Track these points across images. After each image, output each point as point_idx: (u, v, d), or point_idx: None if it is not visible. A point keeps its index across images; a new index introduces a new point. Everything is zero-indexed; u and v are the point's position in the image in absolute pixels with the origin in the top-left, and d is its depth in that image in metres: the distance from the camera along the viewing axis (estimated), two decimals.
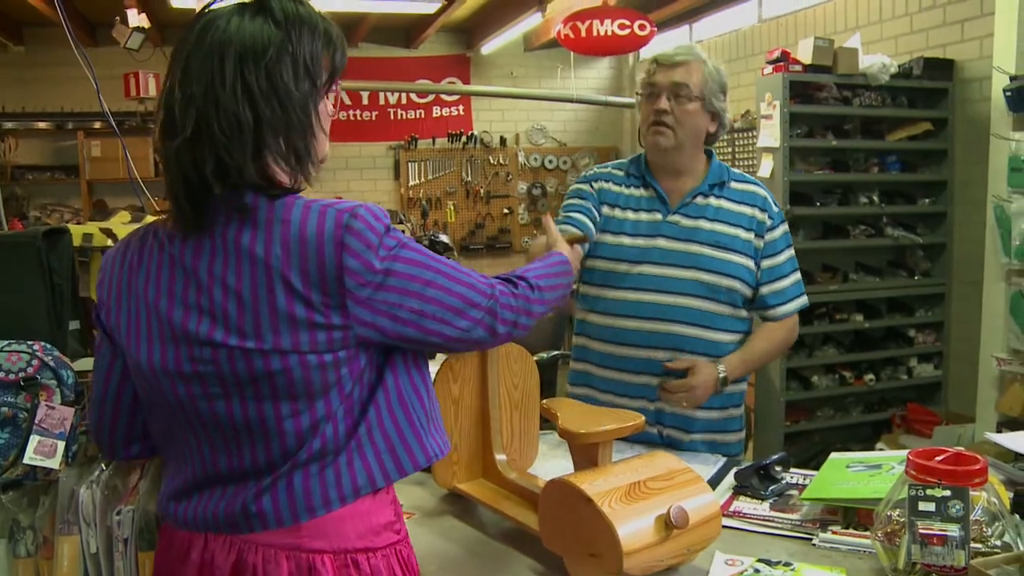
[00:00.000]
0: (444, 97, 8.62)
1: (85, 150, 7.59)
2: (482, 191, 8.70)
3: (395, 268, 1.21)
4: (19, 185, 7.77)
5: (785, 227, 2.31)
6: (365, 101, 8.45)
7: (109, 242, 2.60)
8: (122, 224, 2.80)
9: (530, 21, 6.45)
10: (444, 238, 6.19)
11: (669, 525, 1.43)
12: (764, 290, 2.26)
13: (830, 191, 4.69)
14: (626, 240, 2.26)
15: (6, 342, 1.87)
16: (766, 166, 4.41)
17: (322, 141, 1.30)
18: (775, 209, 2.30)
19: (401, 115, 8.58)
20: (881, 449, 4.24)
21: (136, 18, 5.81)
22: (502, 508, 1.76)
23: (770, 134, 4.37)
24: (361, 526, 1.28)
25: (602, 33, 5.88)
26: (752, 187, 2.31)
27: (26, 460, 1.84)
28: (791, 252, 2.31)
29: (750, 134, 5.87)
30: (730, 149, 6.08)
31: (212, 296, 1.21)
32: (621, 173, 2.36)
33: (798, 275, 2.32)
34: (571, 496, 1.47)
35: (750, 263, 2.23)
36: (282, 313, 1.18)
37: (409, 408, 1.31)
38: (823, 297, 4.62)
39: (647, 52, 7.87)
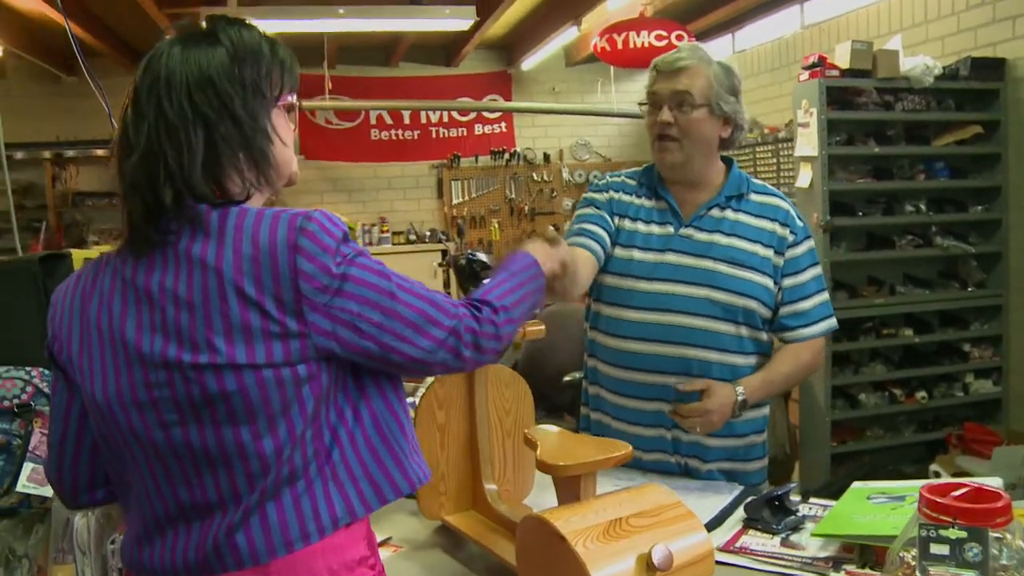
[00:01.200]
0: (486, 115, 8.58)
1: None
2: (526, 208, 8.63)
3: (352, 274, 1.17)
4: (79, 211, 7.98)
5: (810, 243, 2.15)
6: (407, 120, 8.45)
7: None
8: None
9: (567, 35, 6.36)
10: (483, 256, 6.04)
11: (651, 567, 1.30)
12: (784, 311, 2.11)
13: (873, 200, 4.50)
14: (636, 254, 2.13)
15: (3, 368, 1.85)
16: (804, 176, 4.24)
17: (282, 150, 1.29)
18: (799, 224, 2.14)
19: (443, 133, 8.56)
20: (936, 472, 4.03)
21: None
22: (488, 543, 1.65)
23: (807, 142, 4.20)
24: (334, 562, 1.20)
25: (639, 45, 5.77)
26: (774, 200, 2.16)
27: (19, 488, 1.82)
28: (817, 271, 2.15)
29: (792, 144, 5.68)
30: (774, 160, 5.90)
31: (165, 312, 1.17)
32: (633, 183, 2.23)
33: (825, 296, 2.15)
34: (545, 533, 1.35)
35: (768, 282, 2.09)
36: (235, 321, 1.13)
37: (387, 431, 1.25)
38: (869, 311, 4.42)
39: None
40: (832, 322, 2.15)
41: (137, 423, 1.19)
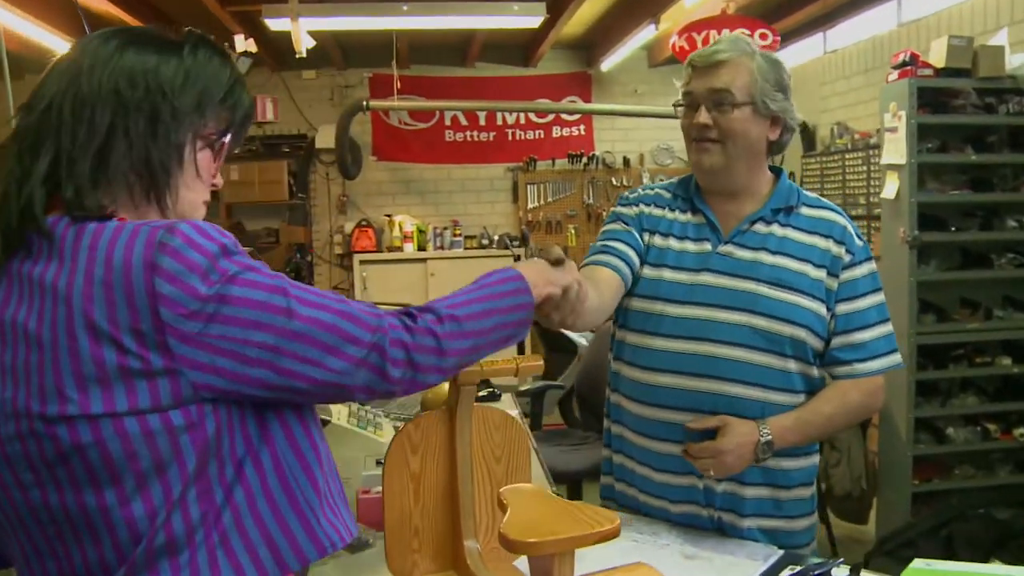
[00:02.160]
0: (564, 116, 8.29)
1: (224, 174, 7.75)
2: (604, 214, 8.31)
3: (233, 294, 0.99)
4: None
5: (871, 266, 1.85)
6: (482, 122, 8.23)
7: None
8: None
9: (644, 34, 6.06)
10: (558, 252, 5.83)
11: None
12: (837, 342, 1.81)
13: (970, 214, 4.06)
14: (667, 274, 1.86)
15: None
16: (890, 186, 3.85)
17: (189, 182, 1.14)
18: (858, 243, 1.84)
19: (519, 135, 8.32)
20: None
21: (243, 43, 5.80)
22: None
23: (895, 149, 3.81)
24: None
25: None
26: (829, 214, 1.86)
27: None
28: (879, 298, 1.84)
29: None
30: (864, 168, 5.47)
31: (16, 351, 0.99)
32: (668, 195, 1.96)
33: (888, 328, 1.84)
34: None
35: (820, 308, 1.79)
36: (86, 361, 0.96)
37: (292, 483, 1.05)
38: (961, 337, 3.99)
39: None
40: (895, 359, 1.84)
41: None
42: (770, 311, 1.77)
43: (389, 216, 7.93)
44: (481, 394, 3.42)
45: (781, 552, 1.75)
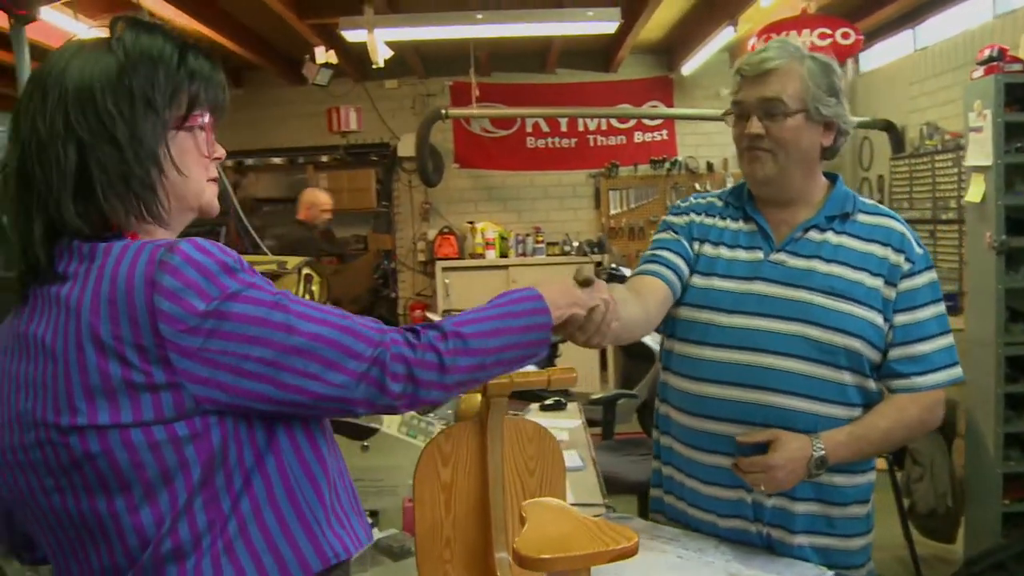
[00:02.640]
0: (646, 122, 8.24)
1: (313, 182, 8.01)
2: None
3: (232, 310, 1.01)
4: (257, 217, 8.32)
5: (932, 275, 1.77)
6: (564, 128, 8.25)
7: None
8: None
9: (723, 36, 5.96)
10: (628, 272, 5.77)
11: None
12: (895, 353, 1.73)
13: None
14: (716, 283, 1.82)
15: None
16: (976, 189, 3.68)
17: (178, 180, 1.14)
18: (918, 251, 1.76)
19: (601, 141, 8.30)
20: None
21: (323, 55, 5.94)
22: None
23: (980, 150, 3.63)
24: None
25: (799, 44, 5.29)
26: (887, 221, 1.79)
27: None
28: (939, 308, 1.76)
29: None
30: (955, 170, 5.25)
31: (36, 364, 1.04)
32: (720, 203, 1.92)
33: (949, 340, 1.76)
34: None
35: (877, 318, 1.72)
36: (93, 373, 1.00)
37: (297, 497, 1.08)
38: None
39: (867, 63, 7.11)
40: (956, 372, 1.75)
41: (24, 486, 1.08)
42: (824, 321, 1.71)
43: (471, 223, 7.99)
44: (548, 403, 3.40)
45: (831, 573, 1.68)
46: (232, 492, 1.05)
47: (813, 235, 1.79)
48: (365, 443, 2.05)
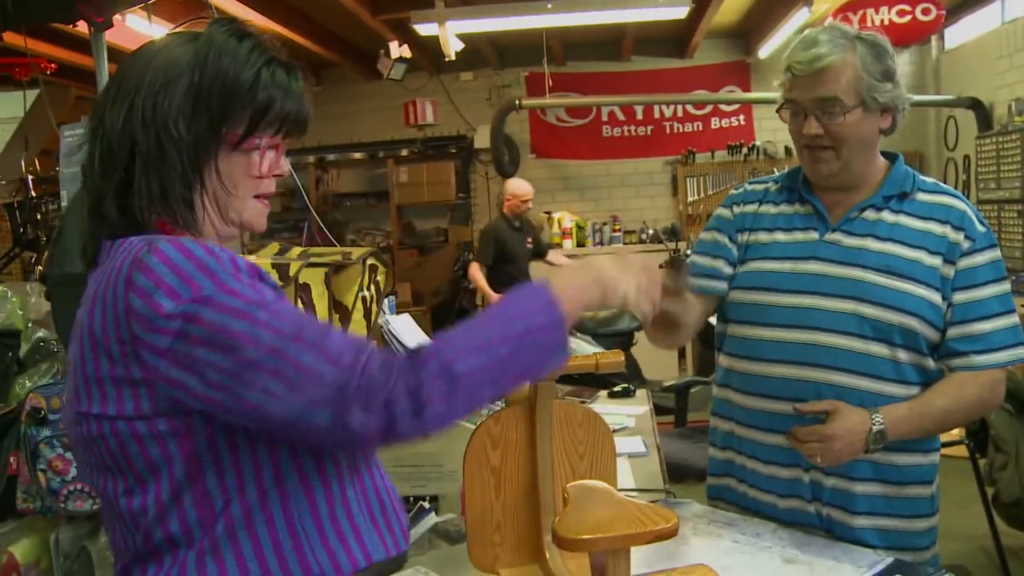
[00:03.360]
0: (723, 107, 8.13)
1: (394, 176, 8.14)
2: None
3: (201, 315, 0.98)
4: (339, 211, 8.52)
5: (994, 254, 1.73)
6: (639, 116, 8.19)
7: None
8: (269, 256, 2.78)
9: (799, 18, 5.83)
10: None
11: None
12: (954, 332, 1.70)
13: None
14: (772, 265, 1.82)
15: None
16: None
17: (221, 196, 1.13)
18: (979, 229, 1.72)
19: (677, 128, 8.21)
20: None
21: (397, 50, 6.02)
22: None
23: None
24: None
25: (877, 23, 5.17)
26: (947, 199, 1.76)
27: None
28: (1003, 287, 1.72)
29: None
30: None
31: (72, 350, 1.11)
32: (775, 188, 1.91)
33: (1013, 320, 1.71)
34: None
35: (935, 296, 1.69)
36: (89, 366, 1.04)
37: (291, 508, 1.08)
38: None
39: (952, 38, 6.87)
40: (1019, 352, 1.71)
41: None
42: (878, 298, 1.69)
43: (548, 213, 8.00)
44: (616, 389, 3.41)
45: (889, 560, 1.65)
46: (224, 493, 1.04)
47: (869, 214, 1.77)
48: None
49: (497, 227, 6.08)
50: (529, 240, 6.21)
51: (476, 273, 5.97)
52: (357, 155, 8.46)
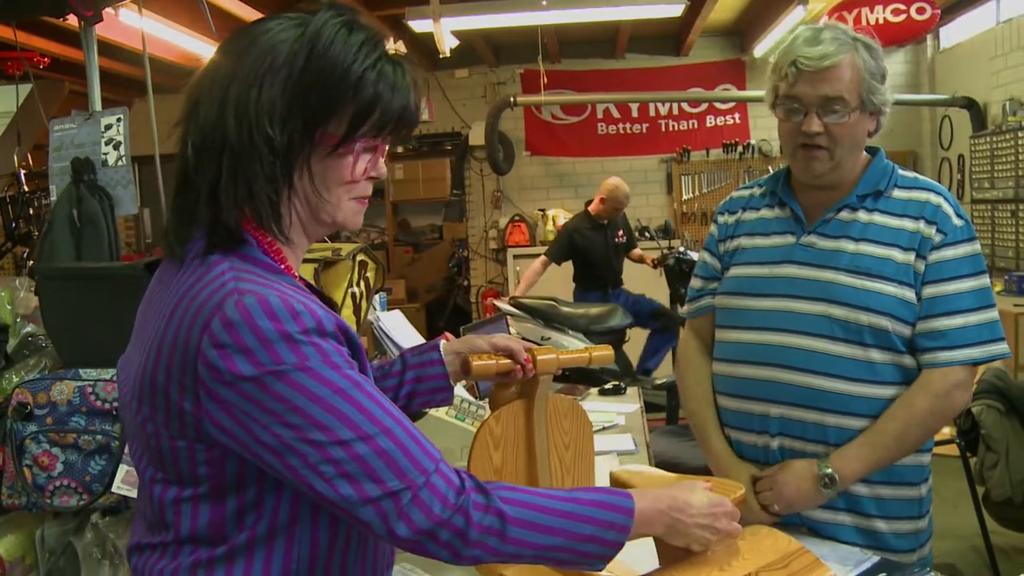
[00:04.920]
0: (718, 105, 8.12)
1: (389, 173, 8.08)
2: None
3: (275, 387, 0.95)
4: None
5: (971, 247, 1.71)
6: (634, 114, 8.19)
7: None
8: None
9: (794, 17, 5.82)
10: (695, 255, 5.69)
11: None
12: (920, 327, 1.69)
13: None
14: (750, 270, 1.84)
15: (106, 372, 1.87)
16: None
17: (313, 199, 1.08)
18: (955, 222, 1.70)
19: (672, 126, 8.22)
20: None
21: (392, 46, 5.98)
22: None
23: None
24: None
25: (872, 22, 5.18)
26: (921, 194, 1.74)
27: (114, 489, 1.88)
28: (977, 282, 1.69)
29: None
30: None
31: (137, 336, 1.12)
32: (759, 193, 1.93)
33: (989, 315, 1.69)
34: None
35: (907, 293, 1.68)
36: (149, 368, 1.03)
37: (292, 555, 1.06)
38: None
39: (947, 38, 6.88)
40: (991, 349, 1.68)
41: None
42: (847, 299, 1.69)
43: (543, 210, 8.00)
44: (607, 387, 3.41)
45: (876, 559, 1.65)
46: (241, 523, 1.04)
47: (844, 215, 1.76)
48: None
49: (575, 228, 5.89)
50: (620, 234, 5.99)
51: (534, 264, 5.74)
52: None
